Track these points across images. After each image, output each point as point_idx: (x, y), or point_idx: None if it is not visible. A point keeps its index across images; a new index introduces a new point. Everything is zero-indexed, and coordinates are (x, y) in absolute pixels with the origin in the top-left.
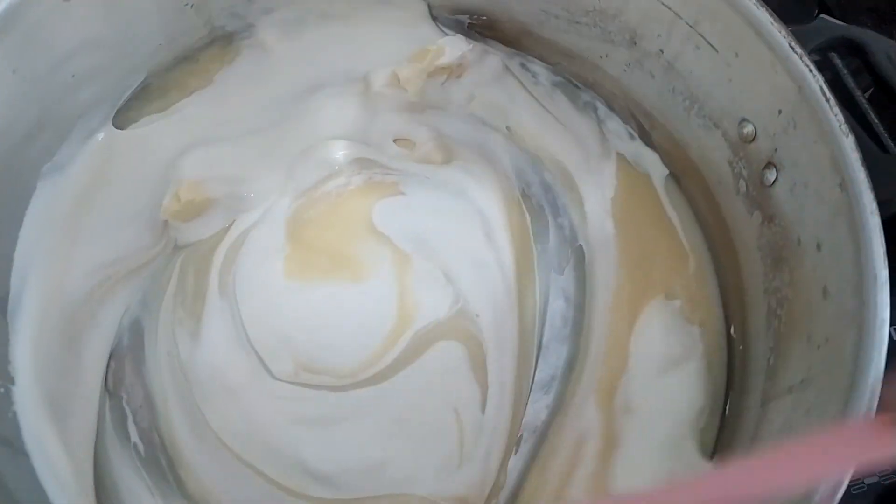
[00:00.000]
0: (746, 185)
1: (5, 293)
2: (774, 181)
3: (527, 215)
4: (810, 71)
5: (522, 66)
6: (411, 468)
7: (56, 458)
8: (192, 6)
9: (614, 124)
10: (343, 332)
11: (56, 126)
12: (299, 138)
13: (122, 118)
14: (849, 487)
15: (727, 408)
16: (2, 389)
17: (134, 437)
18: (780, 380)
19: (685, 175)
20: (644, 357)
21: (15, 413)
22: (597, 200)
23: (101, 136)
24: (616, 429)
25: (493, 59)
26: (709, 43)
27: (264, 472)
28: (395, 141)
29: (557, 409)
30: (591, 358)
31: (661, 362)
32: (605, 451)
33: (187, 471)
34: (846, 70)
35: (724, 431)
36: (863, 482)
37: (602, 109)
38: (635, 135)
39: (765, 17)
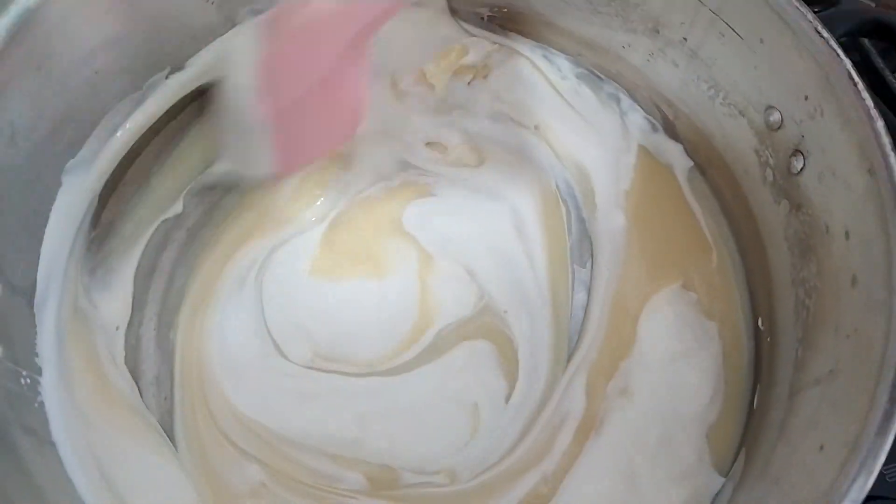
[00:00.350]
0: (773, 174)
1: (32, 286)
2: (802, 169)
3: (562, 206)
4: (837, 55)
5: (546, 58)
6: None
7: (82, 448)
8: (213, 2)
9: (637, 116)
10: (361, 326)
11: (80, 122)
12: None
13: None
14: (882, 474)
15: (755, 400)
16: (29, 380)
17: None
18: (808, 371)
19: (710, 166)
20: (652, 344)
21: (42, 403)
22: (610, 193)
23: (125, 135)
24: (602, 411)
25: (519, 59)
26: (733, 30)
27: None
28: (426, 145)
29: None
30: (586, 341)
31: (669, 352)
32: (582, 432)
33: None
34: (875, 50)
35: (750, 424)
36: None
37: (625, 101)
38: (658, 126)
39: (788, 0)
